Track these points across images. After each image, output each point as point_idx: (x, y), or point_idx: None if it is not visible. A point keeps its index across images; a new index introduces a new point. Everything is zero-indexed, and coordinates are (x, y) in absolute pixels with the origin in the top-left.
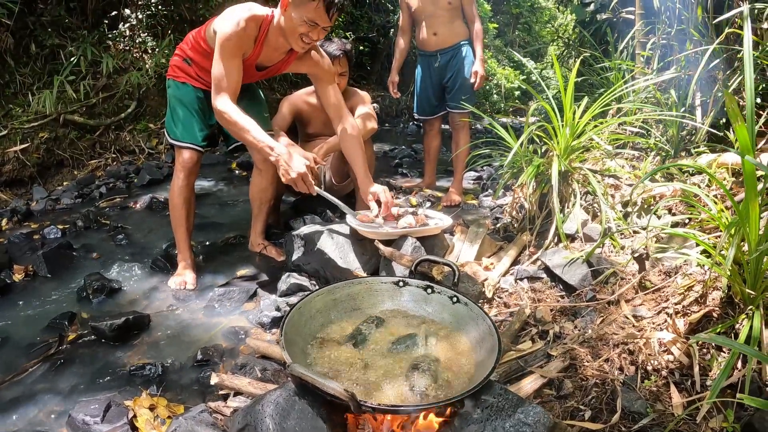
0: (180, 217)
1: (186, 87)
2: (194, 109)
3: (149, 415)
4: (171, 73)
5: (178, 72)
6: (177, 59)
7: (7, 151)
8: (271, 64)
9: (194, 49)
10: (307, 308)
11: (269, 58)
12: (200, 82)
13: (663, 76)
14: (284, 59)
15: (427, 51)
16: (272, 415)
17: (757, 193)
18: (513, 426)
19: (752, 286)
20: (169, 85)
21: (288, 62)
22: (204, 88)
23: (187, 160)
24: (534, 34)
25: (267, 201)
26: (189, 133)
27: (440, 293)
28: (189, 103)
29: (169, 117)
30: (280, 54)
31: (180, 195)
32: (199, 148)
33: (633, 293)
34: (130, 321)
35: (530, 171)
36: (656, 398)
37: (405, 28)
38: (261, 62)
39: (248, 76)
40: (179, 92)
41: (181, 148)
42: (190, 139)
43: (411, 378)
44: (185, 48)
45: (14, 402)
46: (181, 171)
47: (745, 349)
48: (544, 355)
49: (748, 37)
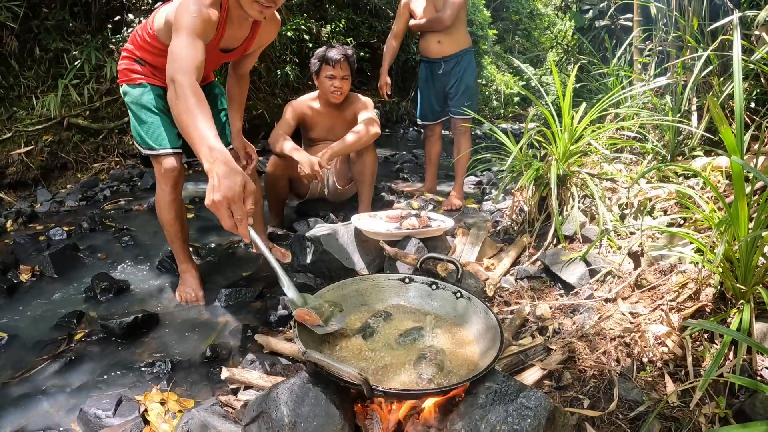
0: (174, 232)
1: (143, 87)
2: (159, 109)
3: (160, 410)
4: (123, 79)
5: (130, 75)
6: (127, 62)
7: (12, 153)
8: (237, 45)
9: (144, 49)
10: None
11: (233, 38)
12: (158, 80)
13: (659, 81)
14: (248, 36)
15: (431, 58)
16: (287, 402)
17: (745, 191)
18: (515, 409)
19: (742, 280)
20: (125, 92)
21: (252, 38)
22: (163, 86)
23: (169, 169)
24: (533, 40)
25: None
26: (161, 137)
27: (444, 289)
28: (151, 103)
29: (134, 127)
30: (243, 31)
31: (170, 210)
32: (178, 150)
33: (629, 291)
34: (139, 319)
35: (529, 174)
36: (651, 387)
37: (398, 33)
38: (225, 44)
39: (212, 59)
40: (138, 95)
41: (158, 156)
42: (165, 143)
43: (418, 367)
44: (132, 48)
45: (25, 398)
46: (164, 183)
47: (736, 335)
48: (544, 350)
49: (737, 43)
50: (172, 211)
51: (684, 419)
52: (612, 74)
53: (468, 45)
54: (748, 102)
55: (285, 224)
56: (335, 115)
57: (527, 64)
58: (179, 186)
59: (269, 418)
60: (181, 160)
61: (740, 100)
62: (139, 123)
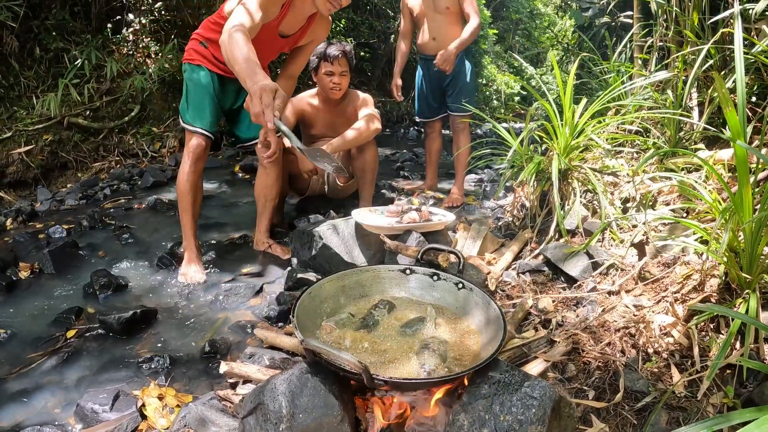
0: (187, 202)
1: (201, 70)
2: (208, 92)
3: (158, 404)
4: (186, 57)
5: (193, 55)
6: (193, 42)
7: (12, 152)
8: (292, 32)
9: (211, 30)
10: (317, 293)
11: (291, 24)
12: (216, 67)
13: (659, 75)
14: (304, 26)
15: (427, 54)
16: (285, 392)
17: (749, 178)
18: (520, 399)
19: (747, 270)
20: (185, 68)
21: (306, 29)
22: (219, 73)
23: (195, 146)
24: (533, 39)
25: (272, 198)
26: (199, 117)
27: (446, 280)
28: (203, 86)
29: (183, 100)
30: (301, 20)
31: (188, 180)
32: (208, 134)
33: (633, 284)
34: (138, 315)
35: (531, 168)
36: (658, 378)
37: (406, 33)
38: (283, 29)
39: (271, 44)
40: (194, 75)
41: (190, 132)
42: (200, 123)
43: (420, 357)
44: (201, 32)
45: (22, 393)
46: (188, 156)
47: (747, 318)
48: (547, 342)
49: (739, 32)
50: (189, 182)
51: (692, 409)
52: (612, 70)
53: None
54: (749, 96)
55: (285, 221)
56: (335, 112)
57: (527, 63)
58: (201, 162)
59: (267, 410)
60: (208, 142)
61: (742, 87)
62: (187, 98)
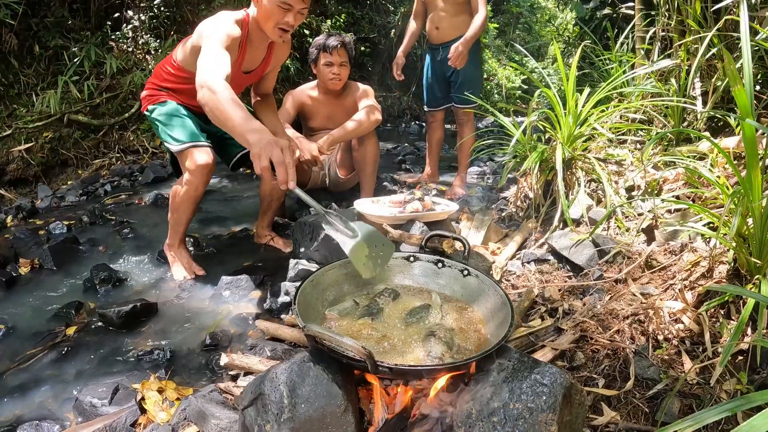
0: (185, 220)
1: (170, 103)
2: (181, 114)
3: (158, 398)
4: (147, 103)
5: (154, 97)
6: (149, 90)
7: (12, 150)
8: (255, 66)
9: (167, 80)
10: (320, 281)
11: (253, 59)
12: (179, 100)
13: (662, 63)
14: (266, 56)
15: (432, 44)
16: (286, 382)
17: (758, 158)
18: (529, 386)
19: (757, 254)
20: (150, 111)
21: (269, 57)
22: (185, 103)
23: (202, 164)
24: (534, 33)
25: (278, 198)
26: (192, 133)
27: (451, 267)
28: (177, 111)
29: (163, 132)
30: (261, 52)
31: (190, 204)
32: (207, 143)
33: (640, 272)
34: (138, 308)
35: (534, 157)
36: (669, 365)
37: (418, 13)
38: (246, 66)
39: (238, 82)
40: (164, 109)
41: (192, 148)
42: (197, 138)
43: (427, 345)
44: (155, 80)
45: (21, 388)
46: (195, 177)
47: (762, 297)
48: (554, 331)
49: (744, 15)
50: (192, 205)
51: (705, 396)
52: (615, 61)
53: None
54: (753, 84)
55: (286, 214)
56: (335, 104)
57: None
58: (207, 182)
59: (267, 400)
60: (214, 154)
61: (749, 66)
62: (168, 127)
